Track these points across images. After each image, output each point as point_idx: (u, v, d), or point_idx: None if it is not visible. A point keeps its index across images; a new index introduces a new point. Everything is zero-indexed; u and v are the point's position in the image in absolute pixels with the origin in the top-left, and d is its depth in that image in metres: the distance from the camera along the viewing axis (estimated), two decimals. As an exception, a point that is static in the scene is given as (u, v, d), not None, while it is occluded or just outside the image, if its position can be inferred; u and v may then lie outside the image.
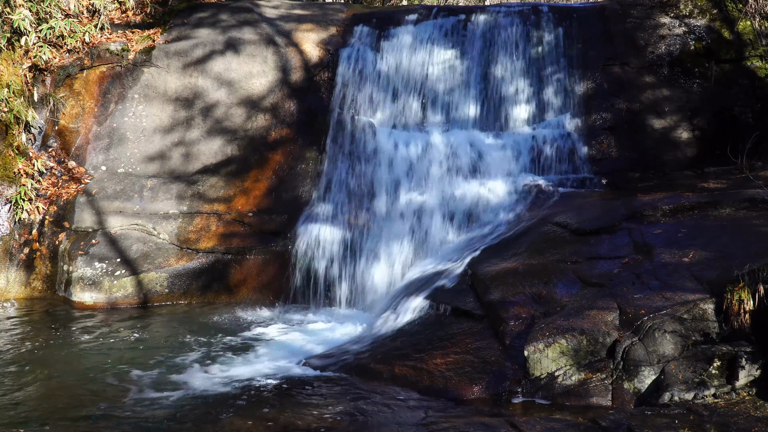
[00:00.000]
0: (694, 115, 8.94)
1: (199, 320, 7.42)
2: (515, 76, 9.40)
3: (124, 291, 7.94)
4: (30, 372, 5.86)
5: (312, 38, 9.83)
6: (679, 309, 5.09)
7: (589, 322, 5.19)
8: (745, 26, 9.21)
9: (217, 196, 8.68)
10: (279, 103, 9.37)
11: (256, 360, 6.10)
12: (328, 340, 6.69)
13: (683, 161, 8.74)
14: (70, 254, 8.07)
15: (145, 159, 9.00)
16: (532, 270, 6.20)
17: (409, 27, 9.86)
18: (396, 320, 6.40)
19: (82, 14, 9.90)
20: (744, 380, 4.66)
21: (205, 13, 10.14)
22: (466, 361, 5.43)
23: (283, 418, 4.73)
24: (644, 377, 4.89)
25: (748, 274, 5.03)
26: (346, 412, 4.84)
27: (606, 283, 5.71)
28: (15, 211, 8.41)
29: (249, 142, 9.13)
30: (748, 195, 6.60)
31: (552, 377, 5.02)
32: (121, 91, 9.36)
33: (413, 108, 9.37)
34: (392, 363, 5.65)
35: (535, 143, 8.76)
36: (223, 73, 9.48)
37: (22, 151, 8.80)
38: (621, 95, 9.08)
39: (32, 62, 9.23)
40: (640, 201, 7.03)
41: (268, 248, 8.22)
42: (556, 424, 4.38)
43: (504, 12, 9.88)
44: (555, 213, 7.27)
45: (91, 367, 5.99)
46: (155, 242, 8.26)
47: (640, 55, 9.30)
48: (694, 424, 4.25)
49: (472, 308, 6.04)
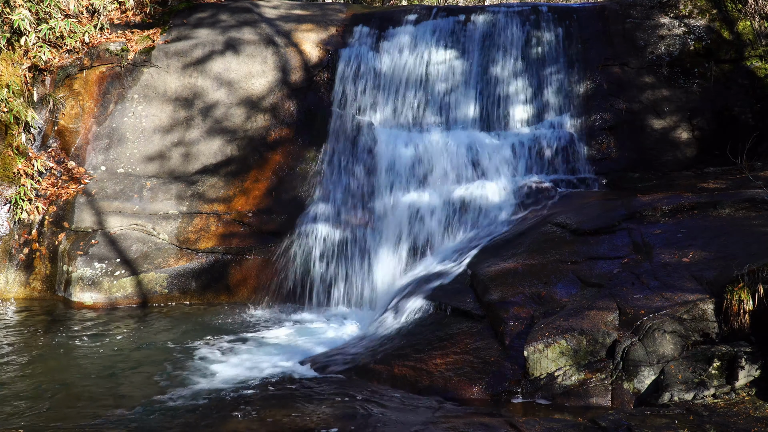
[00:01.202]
0: (693, 116, 8.94)
1: (198, 320, 7.42)
2: (515, 76, 9.40)
3: (124, 291, 7.94)
4: (29, 372, 5.86)
5: (312, 38, 9.83)
6: (679, 309, 5.09)
7: (588, 322, 5.19)
8: (744, 26, 9.21)
9: (216, 197, 8.68)
10: (279, 103, 9.37)
11: (255, 360, 6.10)
12: (327, 340, 6.69)
13: (683, 161, 8.75)
14: (69, 254, 8.07)
15: (144, 159, 9.00)
16: (532, 270, 6.20)
17: (409, 27, 9.86)
18: (395, 320, 6.40)
19: (82, 14, 9.90)
20: (744, 380, 4.66)
21: (205, 13, 10.14)
22: (466, 362, 5.43)
23: (283, 418, 4.73)
24: (644, 377, 4.89)
25: (747, 274, 5.03)
26: (346, 413, 4.83)
27: (605, 283, 5.71)
28: (14, 211, 8.41)
29: (249, 143, 9.13)
30: (748, 195, 6.59)
31: (552, 377, 5.02)
32: (121, 91, 9.36)
33: (413, 108, 9.37)
34: (392, 363, 5.65)
35: (534, 143, 8.76)
36: (223, 73, 9.48)
37: (21, 151, 8.80)
38: (621, 95, 9.08)
39: (32, 62, 9.23)
40: (639, 201, 7.03)
41: (268, 248, 8.22)
42: (556, 425, 4.38)
43: (504, 12, 9.88)
44: (555, 213, 7.27)
45: (90, 367, 5.99)
46: (155, 242, 8.26)
47: (639, 56, 9.30)
48: (694, 424, 4.25)
49: (472, 308, 6.04)
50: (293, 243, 8.13)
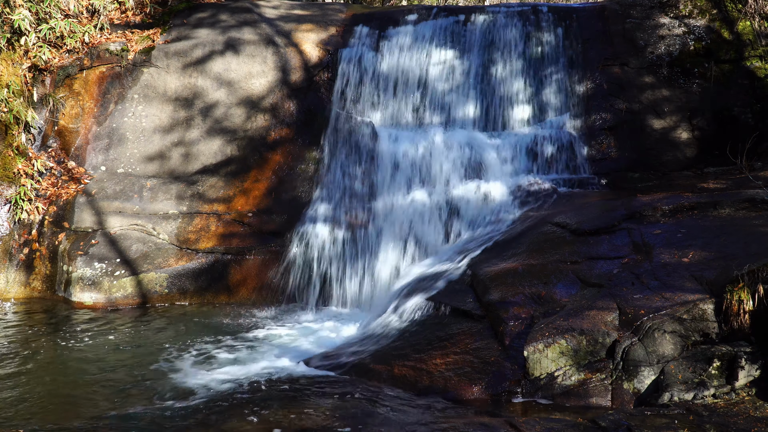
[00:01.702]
0: (693, 116, 8.94)
1: (198, 320, 7.42)
2: (515, 76, 9.41)
3: (124, 291, 7.94)
4: (29, 372, 5.86)
5: (312, 38, 9.83)
6: (679, 309, 5.09)
7: (588, 322, 5.19)
8: (744, 26, 9.21)
9: (216, 197, 8.69)
10: (279, 103, 9.37)
11: (255, 360, 6.10)
12: (327, 340, 6.70)
13: (683, 161, 8.75)
14: (69, 254, 8.07)
15: (144, 159, 9.00)
16: (532, 270, 6.20)
17: (409, 27, 9.87)
18: (395, 320, 6.40)
19: (82, 14, 9.90)
20: (743, 380, 4.66)
21: (205, 14, 10.14)
22: (466, 362, 5.43)
23: (283, 418, 4.73)
24: (644, 377, 4.89)
25: (747, 274, 5.03)
26: (346, 413, 4.83)
27: (605, 283, 5.71)
28: (14, 211, 8.41)
29: (249, 143, 9.13)
30: (748, 195, 6.59)
31: (552, 377, 5.02)
32: (121, 91, 9.36)
33: (413, 108, 9.37)
34: (392, 363, 5.65)
35: (534, 143, 8.76)
36: (223, 73, 9.48)
37: (21, 151, 8.80)
38: (621, 95, 9.08)
39: (32, 62, 9.23)
40: (639, 201, 7.03)
41: (268, 248, 8.22)
42: (556, 425, 4.38)
43: (504, 12, 9.89)
44: (555, 213, 7.27)
45: (90, 367, 5.99)
46: (155, 242, 8.26)
47: (639, 56, 9.30)
48: (694, 424, 4.25)
49: (472, 308, 6.04)
50: (293, 243, 8.13)
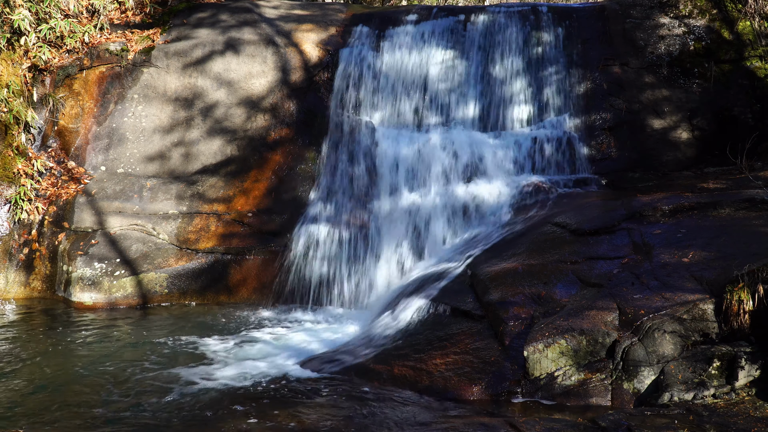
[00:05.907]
0: (693, 116, 8.94)
1: (198, 320, 7.42)
2: (515, 76, 9.40)
3: (124, 291, 7.94)
4: (29, 372, 5.86)
5: (311, 38, 9.83)
6: (679, 309, 5.09)
7: (588, 322, 5.19)
8: (744, 26, 9.21)
9: (216, 197, 8.68)
10: (279, 103, 9.37)
11: (255, 360, 6.10)
12: (327, 340, 6.69)
13: (683, 161, 8.75)
14: (69, 254, 8.07)
15: (144, 159, 9.00)
16: (532, 270, 6.20)
17: (409, 27, 9.86)
18: (395, 320, 6.40)
19: (82, 14, 9.90)
20: (743, 380, 4.66)
21: (205, 14, 10.14)
22: (466, 362, 5.43)
23: (283, 418, 4.73)
24: (644, 377, 4.89)
25: (747, 274, 5.03)
26: (346, 413, 4.84)
27: (605, 283, 5.71)
28: (14, 211, 8.41)
29: (249, 143, 9.13)
30: (748, 195, 6.60)
31: (551, 377, 5.02)
32: (121, 91, 9.36)
33: (413, 108, 9.37)
34: (392, 363, 5.65)
35: (534, 143, 8.76)
36: (223, 73, 9.48)
37: (21, 151, 8.80)
38: (620, 95, 9.08)
39: (32, 62, 9.23)
40: (639, 201, 7.03)
41: (268, 248, 8.22)
42: (556, 425, 4.38)
43: (503, 12, 9.88)
44: (555, 213, 7.27)
45: (90, 367, 5.99)
46: (155, 242, 8.26)
47: (639, 55, 9.30)
48: (694, 424, 4.25)
49: (472, 308, 6.04)
50: (293, 243, 8.13)
